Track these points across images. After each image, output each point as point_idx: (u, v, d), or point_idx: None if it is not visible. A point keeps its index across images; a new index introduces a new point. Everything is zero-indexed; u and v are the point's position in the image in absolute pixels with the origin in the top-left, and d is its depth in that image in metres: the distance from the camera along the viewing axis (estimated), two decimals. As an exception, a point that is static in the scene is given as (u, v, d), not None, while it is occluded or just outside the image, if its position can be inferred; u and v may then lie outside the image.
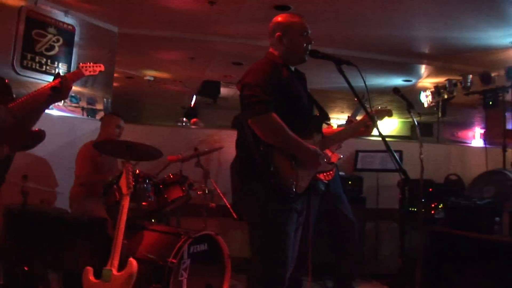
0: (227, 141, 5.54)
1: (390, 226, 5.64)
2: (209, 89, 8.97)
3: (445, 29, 5.12)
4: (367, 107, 2.86)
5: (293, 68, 2.83)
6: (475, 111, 10.06)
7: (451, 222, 4.76)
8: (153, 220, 3.95)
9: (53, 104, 2.39)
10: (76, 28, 5.13)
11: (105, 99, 5.47)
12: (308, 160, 2.59)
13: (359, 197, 5.40)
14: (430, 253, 4.79)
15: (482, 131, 12.62)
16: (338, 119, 12.48)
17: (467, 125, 12.36)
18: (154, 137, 5.42)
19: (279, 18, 2.78)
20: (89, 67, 2.61)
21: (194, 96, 9.97)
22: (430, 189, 5.27)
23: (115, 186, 3.53)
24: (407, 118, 12.49)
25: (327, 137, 2.83)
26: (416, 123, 3.90)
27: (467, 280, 4.62)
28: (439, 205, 5.17)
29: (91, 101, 5.34)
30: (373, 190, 5.64)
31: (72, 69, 5.04)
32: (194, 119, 8.31)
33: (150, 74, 7.64)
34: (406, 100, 3.76)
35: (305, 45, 2.75)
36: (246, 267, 4.42)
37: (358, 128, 3.05)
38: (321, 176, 2.77)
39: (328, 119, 2.94)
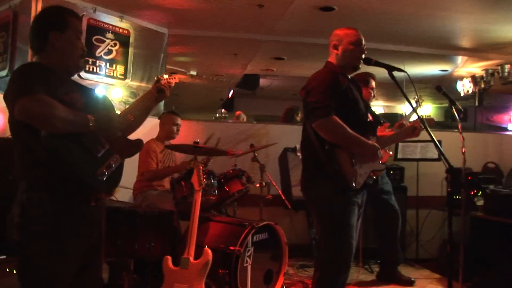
0: (273, 134, 5.88)
1: (430, 213, 5.90)
2: (248, 82, 9.28)
3: (483, 23, 5.30)
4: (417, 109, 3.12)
5: (349, 77, 3.11)
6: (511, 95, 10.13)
7: (491, 209, 4.99)
8: (213, 212, 4.32)
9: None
10: (131, 31, 5.48)
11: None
12: (368, 154, 2.88)
13: (401, 186, 5.68)
14: (471, 239, 5.03)
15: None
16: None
17: (502, 109, 12.37)
18: (205, 132, 5.81)
19: (337, 31, 3.07)
20: (167, 79, 2.87)
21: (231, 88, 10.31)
22: (469, 177, 5.49)
23: (183, 183, 3.90)
24: (440, 103, 12.57)
25: (381, 139, 3.13)
26: (458, 118, 4.14)
27: (506, 265, 4.85)
28: (478, 192, 5.39)
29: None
30: (413, 178, 5.88)
31: (128, 71, 5.43)
32: (238, 112, 8.65)
33: (193, 69, 7.98)
34: (448, 97, 4.00)
35: (358, 54, 3.03)
36: (294, 253, 4.77)
37: (408, 132, 3.36)
38: (372, 174, 3.07)
39: (381, 123, 3.24)
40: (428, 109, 13.33)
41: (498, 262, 4.84)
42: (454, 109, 3.97)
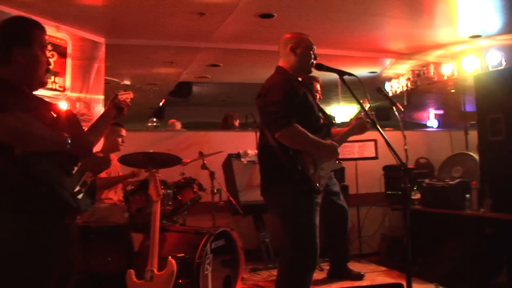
0: (215, 141, 5.91)
1: (370, 209, 6.17)
2: (181, 90, 9.26)
3: (411, 28, 5.61)
4: (367, 110, 3.28)
5: (300, 80, 3.22)
6: (430, 94, 10.76)
7: (427, 201, 5.29)
8: (164, 222, 4.28)
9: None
10: (68, 42, 5.32)
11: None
12: (330, 154, 3.03)
13: (342, 185, 5.85)
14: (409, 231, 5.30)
15: (437, 112, 13.46)
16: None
17: (422, 107, 13.09)
18: (148, 142, 5.75)
19: (292, 35, 3.18)
20: (123, 94, 2.85)
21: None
22: (407, 173, 5.77)
23: (137, 194, 3.85)
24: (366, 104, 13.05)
25: (335, 139, 3.27)
26: (399, 118, 4.37)
27: (443, 252, 5.16)
28: (414, 187, 5.70)
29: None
30: (353, 177, 6.11)
31: (67, 82, 5.27)
32: (172, 120, 8.58)
33: (127, 79, 7.85)
34: (389, 98, 4.23)
35: (312, 59, 3.16)
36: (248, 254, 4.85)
37: (355, 129, 3.53)
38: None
39: (334, 124, 3.38)
40: (354, 110, 13.81)
41: (435, 251, 5.16)
42: (395, 109, 4.20)
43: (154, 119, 9.68)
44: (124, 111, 2.57)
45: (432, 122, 13.81)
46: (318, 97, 4.71)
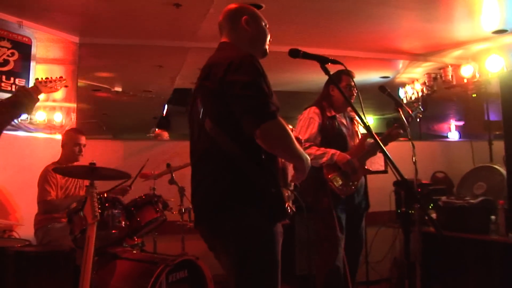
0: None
1: (379, 231, 5.43)
2: (180, 97, 8.65)
3: (424, 21, 4.92)
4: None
5: None
6: (450, 103, 9.97)
7: (444, 223, 4.54)
8: (124, 245, 3.60)
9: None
10: (32, 40, 4.74)
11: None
12: (303, 169, 2.16)
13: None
14: (423, 256, 4.58)
15: (458, 123, 12.66)
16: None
17: (442, 118, 12.30)
18: (125, 153, 5.13)
19: (236, 5, 2.46)
20: (48, 82, 2.24)
21: (165, 105, 9.63)
22: (419, 189, 5.05)
23: (80, 214, 3.18)
24: (382, 114, 12.34)
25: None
26: (406, 123, 3.66)
27: (465, 281, 4.45)
28: (429, 205, 4.96)
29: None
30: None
31: (30, 85, 4.68)
32: (158, 131, 7.96)
33: (118, 85, 7.27)
34: (393, 98, 3.58)
35: (268, 35, 2.45)
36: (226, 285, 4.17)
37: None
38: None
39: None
40: (370, 121, 13.06)
41: (454, 279, 4.46)
42: (401, 113, 3.53)
43: (156, 130, 9.09)
44: (23, 107, 1.95)
45: (453, 134, 13.00)
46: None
